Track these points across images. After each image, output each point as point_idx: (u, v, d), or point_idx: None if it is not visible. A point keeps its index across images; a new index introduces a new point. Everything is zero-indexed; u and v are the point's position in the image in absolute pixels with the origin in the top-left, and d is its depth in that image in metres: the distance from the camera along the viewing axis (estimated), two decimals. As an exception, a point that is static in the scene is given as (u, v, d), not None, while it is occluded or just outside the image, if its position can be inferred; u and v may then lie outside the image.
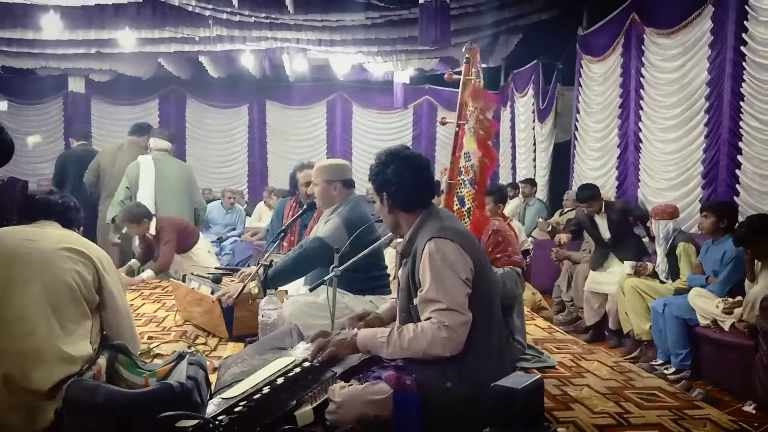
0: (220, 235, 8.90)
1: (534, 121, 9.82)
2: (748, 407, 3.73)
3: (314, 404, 2.08)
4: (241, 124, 13.44)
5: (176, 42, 9.23)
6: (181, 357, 2.26)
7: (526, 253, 7.13)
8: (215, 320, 3.39)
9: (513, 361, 2.96)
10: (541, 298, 6.28)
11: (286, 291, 3.52)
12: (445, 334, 2.05)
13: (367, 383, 2.10)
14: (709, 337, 4.31)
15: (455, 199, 3.31)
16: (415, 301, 2.19)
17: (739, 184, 5.27)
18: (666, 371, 4.47)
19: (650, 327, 4.78)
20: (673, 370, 4.48)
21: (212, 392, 2.26)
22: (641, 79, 6.78)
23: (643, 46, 6.73)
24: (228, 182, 12.31)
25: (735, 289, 4.35)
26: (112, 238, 5.71)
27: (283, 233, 3.69)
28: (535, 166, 9.84)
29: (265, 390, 2.05)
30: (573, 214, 7.54)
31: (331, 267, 2.82)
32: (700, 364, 4.44)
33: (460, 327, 2.07)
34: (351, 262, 2.85)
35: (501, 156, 11.85)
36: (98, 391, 1.91)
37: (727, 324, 4.15)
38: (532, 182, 8.98)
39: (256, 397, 2.02)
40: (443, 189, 3.47)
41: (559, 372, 3.06)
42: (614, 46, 7.38)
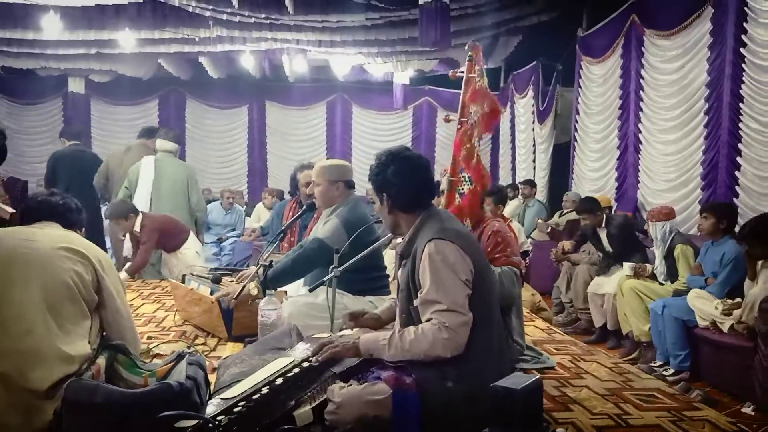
0: (220, 236, 8.91)
1: (534, 122, 9.83)
2: (747, 409, 3.73)
3: (313, 404, 2.08)
4: (240, 125, 13.46)
5: (176, 42, 9.24)
6: (180, 357, 2.26)
7: (525, 254, 7.13)
8: (214, 320, 3.39)
9: (512, 361, 2.96)
10: (540, 299, 6.27)
11: (286, 291, 3.52)
12: (446, 335, 2.06)
13: (366, 383, 2.10)
14: (708, 339, 4.31)
15: (456, 195, 3.30)
16: (416, 302, 2.19)
17: (738, 185, 5.28)
18: (665, 372, 4.47)
19: (649, 328, 4.78)
20: (672, 371, 4.48)
21: (211, 392, 2.26)
22: (641, 81, 6.79)
23: (642, 48, 6.74)
24: (228, 183, 12.31)
25: (734, 290, 4.35)
26: (118, 235, 5.75)
27: (282, 234, 3.69)
28: (535, 167, 9.85)
29: (265, 390, 2.05)
30: (572, 216, 7.55)
31: (331, 267, 2.83)
32: (699, 365, 4.44)
33: (461, 328, 2.08)
34: (350, 262, 2.85)
35: (501, 157, 11.87)
36: (97, 390, 1.91)
37: (726, 325, 4.15)
38: (532, 183, 8.98)
39: (255, 397, 2.02)
40: (443, 189, 3.47)
41: (558, 373, 3.06)
42: (614, 48, 7.39)
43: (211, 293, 3.43)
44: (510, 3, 8.14)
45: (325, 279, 2.84)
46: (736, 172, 5.30)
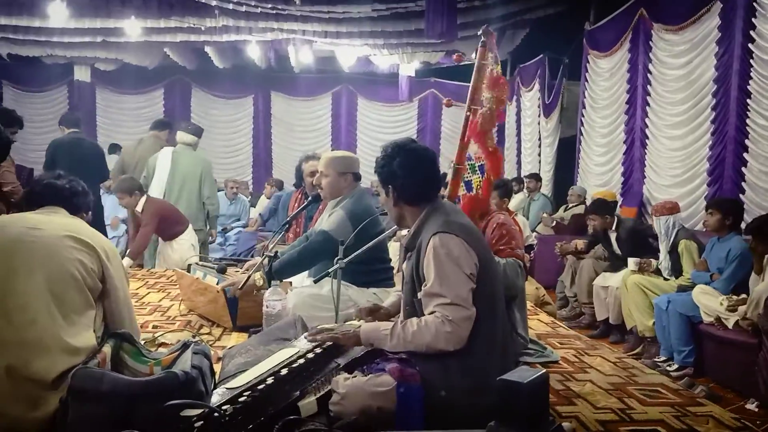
0: (225, 226, 8.90)
1: (539, 115, 9.79)
2: (751, 405, 3.74)
3: (318, 395, 2.09)
4: (246, 115, 13.46)
5: (182, 32, 9.23)
6: (185, 346, 2.26)
7: (530, 248, 7.12)
8: (219, 310, 3.40)
9: (516, 355, 2.96)
10: (544, 293, 6.26)
11: (291, 282, 3.52)
12: (449, 328, 2.06)
13: (370, 375, 2.10)
14: (713, 335, 4.31)
15: (462, 183, 3.26)
16: (420, 295, 2.19)
17: (744, 181, 5.26)
18: (669, 368, 4.47)
19: (653, 323, 4.78)
20: (676, 366, 4.48)
21: (216, 382, 2.27)
22: (648, 75, 6.76)
23: (650, 42, 6.71)
24: (232, 173, 12.32)
25: (739, 286, 4.35)
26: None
27: (288, 224, 3.69)
28: (540, 161, 9.82)
29: (269, 380, 2.05)
30: (577, 210, 7.54)
31: (336, 259, 2.83)
32: (703, 361, 4.44)
33: (464, 322, 2.08)
34: (355, 254, 2.85)
35: (506, 150, 11.83)
36: (104, 379, 1.91)
37: (730, 321, 4.15)
38: (537, 177, 8.97)
39: (260, 387, 2.02)
40: (449, 179, 3.44)
41: (562, 367, 3.06)
42: (622, 42, 7.36)
43: (217, 283, 3.44)
44: (517, -5, 8.12)
45: (330, 270, 2.84)
46: (743, 168, 5.28)
